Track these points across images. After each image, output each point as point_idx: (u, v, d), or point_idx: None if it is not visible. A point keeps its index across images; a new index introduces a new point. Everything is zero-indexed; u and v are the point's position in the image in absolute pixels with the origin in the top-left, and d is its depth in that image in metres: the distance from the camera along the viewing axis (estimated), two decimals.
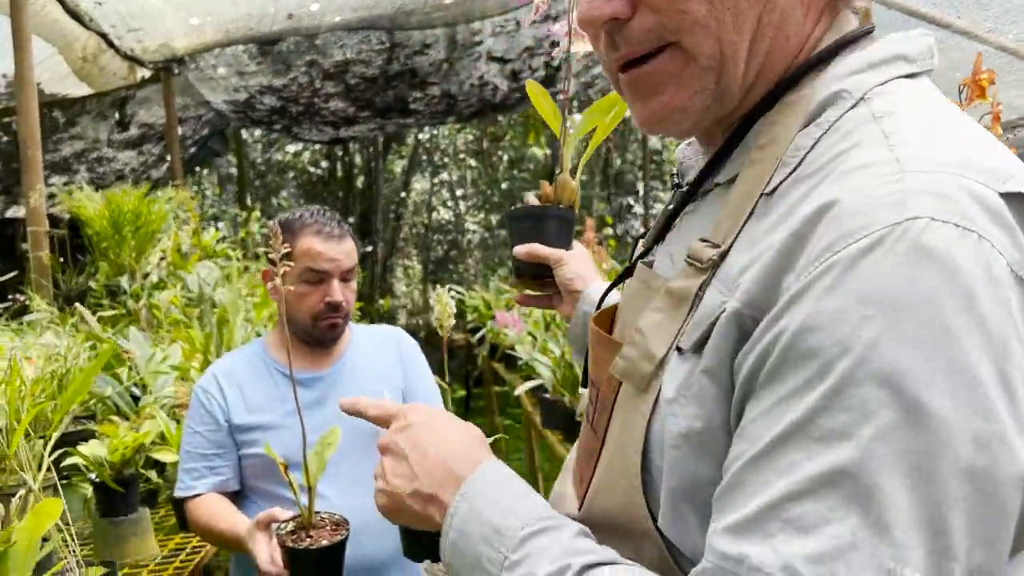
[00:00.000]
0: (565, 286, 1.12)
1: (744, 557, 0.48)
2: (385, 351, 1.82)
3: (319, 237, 1.66)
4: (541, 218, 1.13)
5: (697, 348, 0.57)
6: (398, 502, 0.72)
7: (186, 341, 3.06)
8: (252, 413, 1.66)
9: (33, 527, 1.11)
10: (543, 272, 1.13)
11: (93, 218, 4.14)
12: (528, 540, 0.61)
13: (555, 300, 1.18)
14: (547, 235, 1.12)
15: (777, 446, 0.49)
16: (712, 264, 0.59)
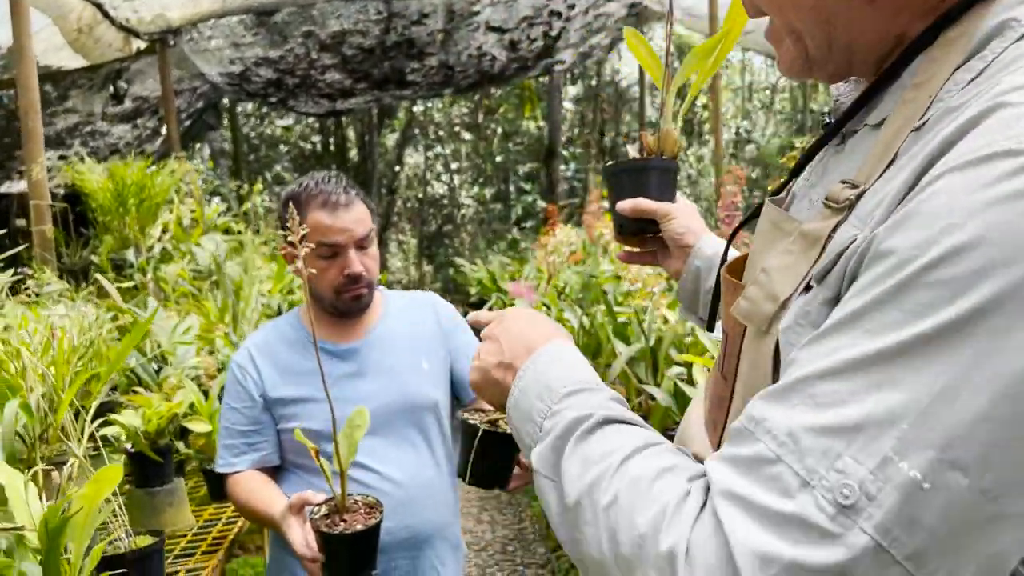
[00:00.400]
0: (675, 241, 1.08)
1: (763, 420, 0.51)
2: (421, 317, 1.78)
3: (325, 209, 1.58)
4: (644, 171, 1.09)
5: (820, 279, 0.57)
6: (485, 374, 0.81)
7: (200, 313, 3.03)
8: (288, 387, 1.62)
9: (93, 494, 1.09)
10: (648, 227, 1.10)
11: (96, 191, 4.08)
12: (569, 396, 0.69)
13: (660, 256, 1.14)
14: (650, 188, 1.08)
15: (830, 331, 0.51)
16: (849, 204, 0.58)
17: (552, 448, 0.67)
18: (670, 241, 1.09)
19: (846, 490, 0.46)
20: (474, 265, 7.70)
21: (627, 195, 1.09)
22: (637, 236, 1.14)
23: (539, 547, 4.51)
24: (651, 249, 1.16)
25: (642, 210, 1.07)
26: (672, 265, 1.12)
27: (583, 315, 3.20)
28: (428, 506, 1.62)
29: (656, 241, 1.13)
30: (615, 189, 1.12)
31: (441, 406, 1.71)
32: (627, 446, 0.62)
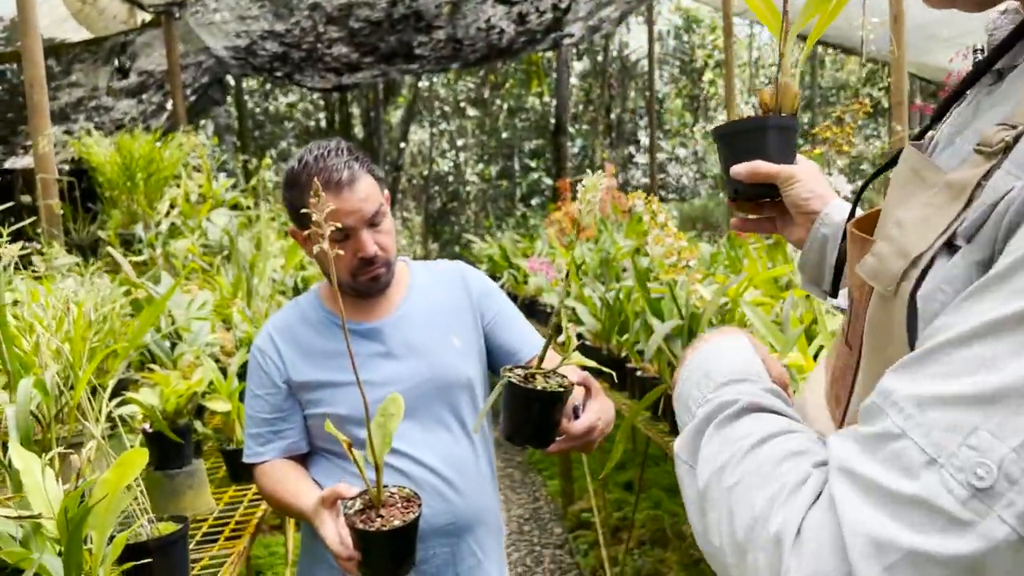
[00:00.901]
0: (799, 207, 0.98)
1: (891, 392, 0.47)
2: (451, 289, 1.68)
3: (330, 191, 1.43)
4: (761, 130, 0.98)
5: (969, 238, 0.49)
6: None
7: (212, 289, 2.94)
8: (313, 370, 1.53)
9: (117, 479, 1.00)
10: (766, 192, 0.99)
11: (103, 164, 3.99)
12: (725, 385, 0.66)
13: (779, 223, 1.04)
14: (769, 150, 0.97)
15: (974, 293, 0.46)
16: (1004, 147, 0.49)
17: (694, 433, 0.63)
18: (792, 207, 0.98)
19: (981, 470, 0.40)
20: (484, 242, 7.60)
21: (742, 158, 0.98)
22: (755, 201, 1.03)
23: (556, 527, 4.45)
24: (768, 216, 1.06)
25: (761, 174, 0.97)
26: (794, 233, 1.02)
27: (605, 291, 3.10)
28: (465, 490, 1.53)
29: (774, 207, 1.03)
30: (728, 152, 1.01)
31: (475, 382, 1.62)
32: (763, 431, 0.57)
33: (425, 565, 1.47)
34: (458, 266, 1.75)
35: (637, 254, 4.06)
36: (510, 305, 1.73)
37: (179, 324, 2.16)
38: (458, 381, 1.58)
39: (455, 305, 1.66)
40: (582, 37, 10.16)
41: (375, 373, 1.51)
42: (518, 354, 1.64)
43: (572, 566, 3.88)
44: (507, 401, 1.21)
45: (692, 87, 17.83)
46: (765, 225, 1.07)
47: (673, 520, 3.82)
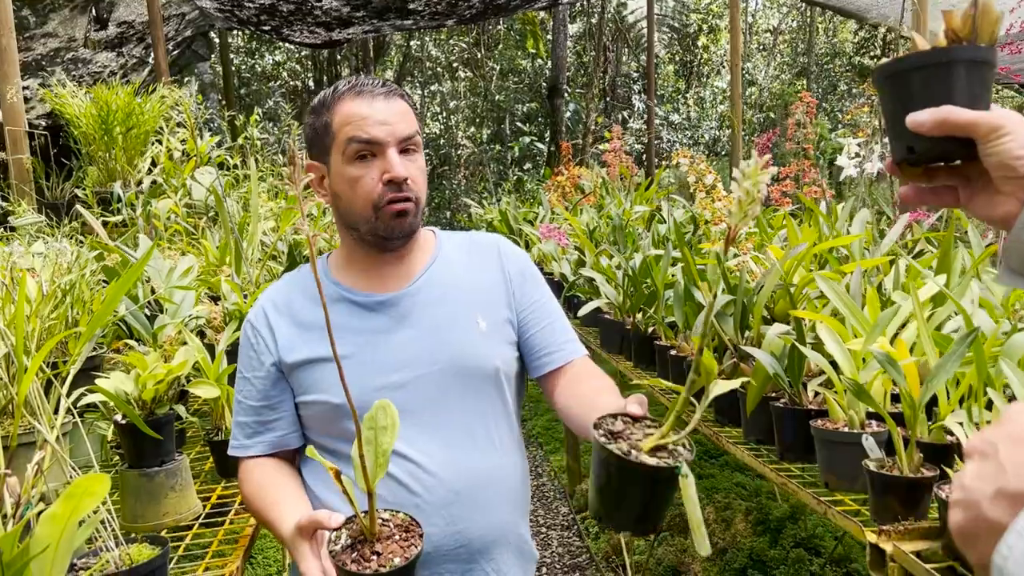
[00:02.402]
0: (1009, 168, 0.70)
1: None
2: (482, 264, 1.41)
3: (360, 98, 1.25)
4: (949, 66, 0.71)
5: None
6: (975, 511, 0.49)
7: (197, 254, 2.67)
8: (306, 347, 1.28)
9: (68, 513, 0.74)
10: (954, 151, 0.72)
11: (78, 117, 3.68)
12: None
13: (965, 194, 0.77)
14: (958, 92, 0.70)
15: None
16: None
17: None
18: (999, 169, 0.70)
19: None
20: (480, 207, 7.31)
21: (921, 103, 0.70)
22: (933, 163, 0.76)
23: (562, 506, 4.24)
24: (949, 184, 0.79)
25: (953, 123, 0.69)
26: (996, 206, 0.73)
27: (627, 260, 2.85)
28: (484, 505, 1.27)
29: (954, 173, 0.76)
30: (899, 97, 0.73)
31: (504, 376, 1.34)
32: None
33: None
34: (495, 239, 1.47)
35: (653, 220, 3.80)
36: (549, 295, 1.45)
37: (159, 294, 1.89)
38: (482, 370, 1.31)
39: (485, 282, 1.39)
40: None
41: (384, 353, 1.26)
42: (549, 358, 1.38)
43: (582, 550, 3.66)
44: (601, 471, 0.93)
45: (685, 53, 17.45)
46: (946, 196, 0.79)
47: None
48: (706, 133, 16.02)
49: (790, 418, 1.62)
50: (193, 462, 1.75)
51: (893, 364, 1.31)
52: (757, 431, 1.75)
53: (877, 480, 1.30)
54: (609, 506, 0.92)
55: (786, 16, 17.58)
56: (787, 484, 1.55)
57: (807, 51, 16.38)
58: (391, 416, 1.03)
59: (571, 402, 1.29)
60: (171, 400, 1.49)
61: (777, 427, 1.66)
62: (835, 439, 1.45)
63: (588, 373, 1.35)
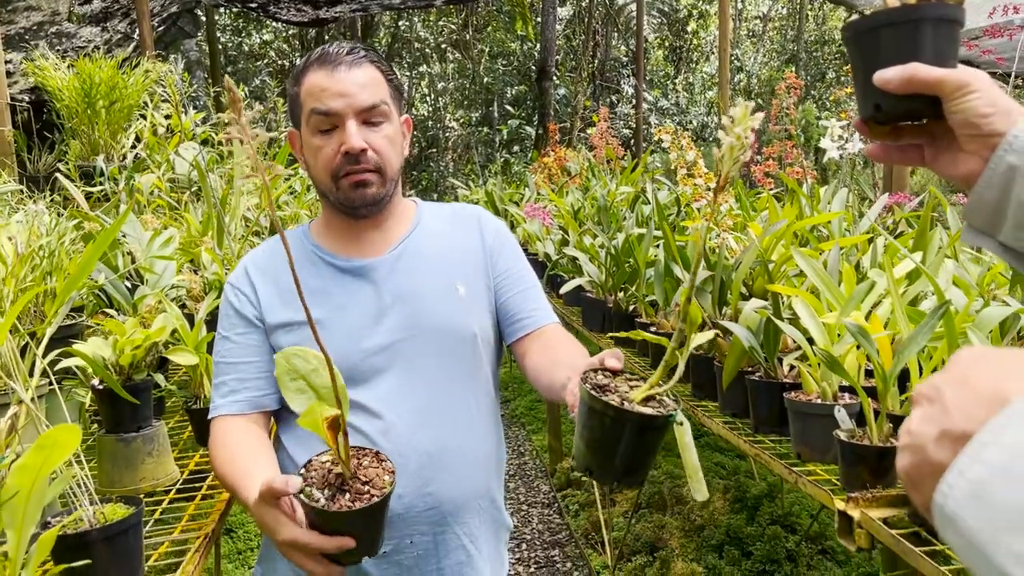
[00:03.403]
0: (974, 127, 0.71)
1: None
2: (463, 233, 1.42)
3: (323, 69, 1.24)
4: (916, 23, 0.71)
5: None
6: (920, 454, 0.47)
7: (179, 227, 2.66)
8: (288, 309, 1.28)
9: (39, 464, 0.75)
10: (920, 109, 0.72)
11: (62, 90, 3.65)
12: None
13: (930, 153, 0.77)
14: (926, 50, 0.71)
15: None
16: None
17: None
18: (964, 128, 0.71)
19: None
20: (467, 188, 7.30)
21: (889, 60, 0.70)
22: (900, 122, 0.77)
23: (543, 484, 4.27)
24: (915, 142, 0.79)
25: (920, 81, 0.70)
26: (959, 164, 0.74)
27: (609, 239, 2.86)
28: (456, 468, 1.28)
29: (921, 131, 0.77)
30: (866, 54, 0.73)
31: (481, 340, 1.36)
32: None
33: (400, 556, 1.23)
34: (476, 210, 1.49)
35: (637, 201, 3.81)
36: (526, 265, 1.46)
37: (140, 263, 1.88)
38: (459, 335, 1.32)
39: (464, 249, 1.40)
40: None
41: (362, 317, 1.27)
42: (521, 323, 1.39)
43: (562, 527, 3.70)
44: (593, 423, 0.93)
45: (674, 39, 17.43)
46: (912, 155, 0.80)
47: (673, 484, 3.64)
48: (694, 119, 16.04)
49: (765, 391, 1.64)
50: (172, 431, 1.76)
51: (866, 336, 1.33)
52: (733, 405, 1.77)
53: (847, 450, 1.32)
54: (600, 458, 0.92)
55: (776, 3, 17.58)
56: (760, 455, 1.57)
57: (796, 38, 16.40)
58: (310, 358, 1.01)
59: (541, 364, 1.30)
60: (149, 367, 1.49)
61: (752, 400, 1.68)
62: (808, 411, 1.47)
63: (559, 339, 1.36)
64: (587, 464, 0.95)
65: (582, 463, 0.96)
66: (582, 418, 0.95)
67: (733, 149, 0.87)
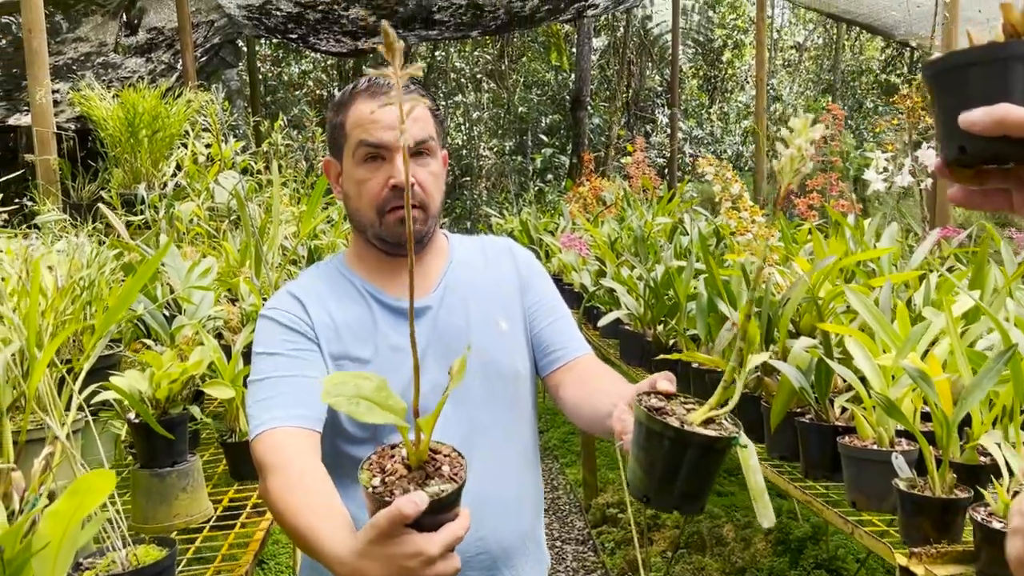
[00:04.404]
0: None
1: None
2: (498, 266, 1.39)
3: (373, 100, 1.21)
4: (1006, 63, 0.66)
5: None
6: None
7: (218, 256, 2.67)
8: (343, 342, 1.22)
9: (72, 511, 0.72)
10: (1010, 152, 0.66)
11: (106, 119, 3.71)
12: None
13: (1018, 198, 0.71)
14: (1015, 91, 0.65)
15: None
16: None
17: None
18: None
19: None
20: (501, 217, 7.29)
21: (975, 101, 0.65)
22: (986, 166, 0.72)
23: (577, 520, 4.19)
24: (1002, 187, 0.74)
25: (1011, 123, 0.64)
26: None
27: (648, 271, 2.81)
28: (506, 512, 1.24)
29: (1010, 175, 0.72)
30: (950, 95, 0.68)
31: (523, 379, 1.33)
32: None
33: None
34: (506, 241, 1.46)
35: (675, 232, 3.76)
36: (557, 295, 1.43)
37: (178, 293, 1.88)
38: (506, 373, 1.29)
39: (501, 282, 1.37)
40: (606, 8, 9.84)
41: (408, 361, 1.23)
42: (556, 354, 1.35)
43: (597, 565, 3.61)
44: (647, 445, 0.88)
45: (709, 68, 17.41)
46: (998, 200, 0.74)
47: (713, 523, 3.55)
48: (729, 148, 15.97)
49: (816, 434, 1.58)
50: (206, 464, 1.73)
51: (927, 380, 1.27)
52: (781, 447, 1.71)
53: (908, 501, 1.25)
54: (659, 483, 0.89)
55: (812, 33, 17.50)
56: (812, 503, 1.50)
57: (833, 68, 16.29)
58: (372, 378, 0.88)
59: (579, 396, 1.26)
60: (185, 400, 1.48)
61: (802, 443, 1.61)
62: (863, 457, 1.41)
63: (596, 370, 1.32)
64: (644, 490, 0.91)
65: (638, 489, 0.92)
66: (639, 441, 0.91)
67: (793, 160, 0.85)
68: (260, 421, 1.10)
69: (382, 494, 0.81)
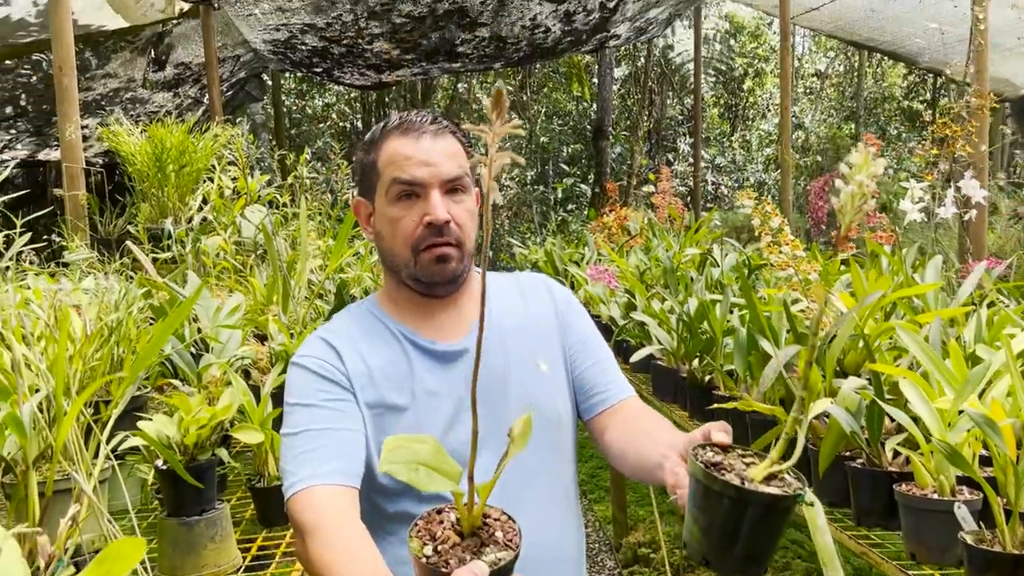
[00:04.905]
0: None
1: None
2: (535, 303, 1.34)
3: (406, 137, 1.19)
4: None
5: None
6: None
7: (245, 291, 2.64)
8: (379, 389, 1.18)
9: None
10: None
11: (134, 154, 3.73)
12: None
13: None
14: None
15: None
16: None
17: None
18: None
19: None
20: (524, 247, 7.26)
21: None
22: None
23: (607, 559, 4.09)
24: None
25: None
26: None
27: (681, 304, 2.75)
28: (552, 564, 1.18)
29: None
30: None
31: (566, 423, 1.27)
32: None
33: None
34: (541, 277, 1.42)
35: (706, 264, 3.71)
36: (598, 334, 1.38)
37: (206, 333, 1.85)
38: (548, 418, 1.24)
39: (540, 322, 1.32)
40: (628, 39, 9.88)
41: (454, 405, 1.18)
42: (600, 396, 1.29)
43: None
44: (705, 504, 0.84)
45: (730, 97, 17.41)
46: None
47: None
48: (752, 176, 15.91)
49: (869, 480, 1.51)
50: (233, 509, 1.69)
51: (992, 426, 1.20)
52: (830, 492, 1.63)
53: (976, 555, 1.18)
54: (719, 544, 0.83)
55: (833, 60, 17.47)
56: (868, 554, 1.43)
57: (855, 95, 16.23)
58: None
59: (625, 441, 1.20)
60: (214, 445, 1.43)
61: (854, 489, 1.54)
62: (923, 507, 1.33)
63: (641, 413, 1.26)
64: (703, 552, 0.85)
65: (697, 551, 0.86)
66: (696, 500, 0.86)
67: (854, 198, 0.80)
68: (297, 478, 1.06)
69: (436, 564, 0.76)
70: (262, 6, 7.00)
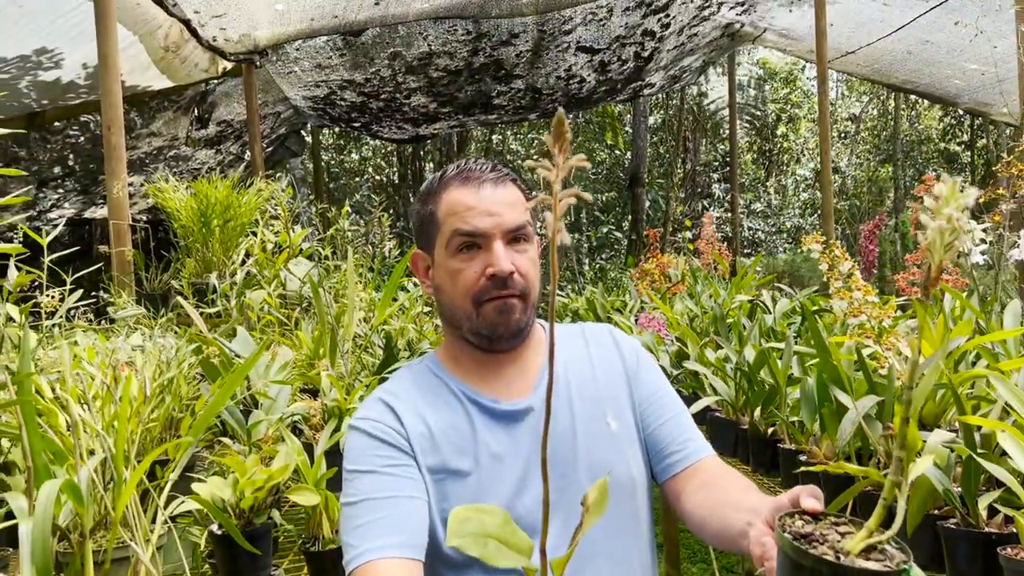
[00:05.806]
0: None
1: None
2: (599, 354, 1.26)
3: (466, 186, 1.14)
4: None
5: None
6: None
7: (292, 346, 2.61)
8: (441, 453, 1.11)
9: None
10: None
11: (179, 210, 3.77)
12: None
13: None
14: None
15: None
16: None
17: None
18: None
19: None
20: (566, 296, 7.20)
21: None
22: None
23: None
24: None
25: None
26: None
27: (738, 352, 2.66)
28: None
29: None
30: None
31: (640, 485, 1.18)
32: None
33: None
34: (606, 327, 1.34)
35: (757, 310, 3.61)
36: (670, 388, 1.29)
37: (256, 389, 1.81)
38: (619, 481, 1.15)
39: (607, 376, 1.24)
40: (662, 87, 9.90)
41: (516, 471, 1.11)
42: (675, 456, 1.20)
43: None
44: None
45: (763, 142, 17.38)
46: None
47: None
48: (788, 221, 15.77)
49: (965, 542, 1.40)
50: (286, 572, 1.62)
51: None
52: (922, 556, 1.52)
53: None
54: None
55: (867, 104, 17.40)
56: None
57: (892, 137, 16.11)
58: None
59: (706, 507, 1.10)
60: (269, 507, 1.38)
61: (948, 552, 1.43)
62: None
63: (722, 474, 1.16)
64: None
65: None
66: (780, 568, 0.77)
67: (944, 234, 0.71)
68: (359, 551, 1.00)
69: None
70: (302, 64, 7.14)
